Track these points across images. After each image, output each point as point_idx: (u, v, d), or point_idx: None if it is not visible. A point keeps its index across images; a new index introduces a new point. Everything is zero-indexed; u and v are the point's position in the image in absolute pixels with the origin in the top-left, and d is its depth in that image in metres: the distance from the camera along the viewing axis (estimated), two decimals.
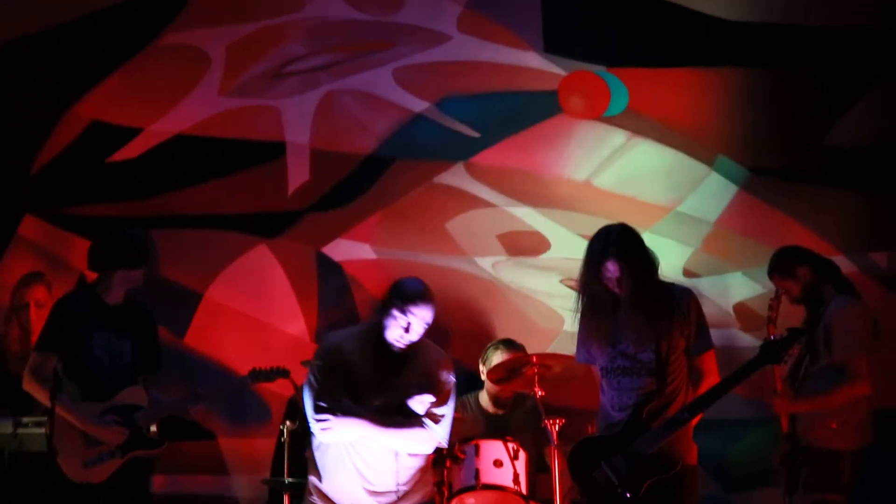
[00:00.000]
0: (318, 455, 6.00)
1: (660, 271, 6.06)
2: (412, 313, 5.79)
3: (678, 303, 5.90)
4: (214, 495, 8.09)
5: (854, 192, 7.60)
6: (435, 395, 5.81)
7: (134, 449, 6.06)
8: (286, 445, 7.37)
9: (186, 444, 7.86)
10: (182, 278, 8.15)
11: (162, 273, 7.97)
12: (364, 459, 5.85)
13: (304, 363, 7.38)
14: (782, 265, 6.51)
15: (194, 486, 8.03)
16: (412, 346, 5.88)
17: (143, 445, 6.08)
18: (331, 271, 8.26)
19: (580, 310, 6.09)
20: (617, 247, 5.87)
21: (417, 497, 5.93)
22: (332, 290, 8.24)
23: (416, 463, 5.95)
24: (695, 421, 5.92)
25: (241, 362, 6.35)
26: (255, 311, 8.19)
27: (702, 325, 5.93)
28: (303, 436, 7.22)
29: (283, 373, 6.34)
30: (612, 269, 5.84)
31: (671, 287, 6.05)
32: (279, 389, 7.90)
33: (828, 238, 7.48)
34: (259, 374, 6.32)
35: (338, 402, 5.75)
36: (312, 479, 6.06)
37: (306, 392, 5.97)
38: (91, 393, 6.11)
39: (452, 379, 5.94)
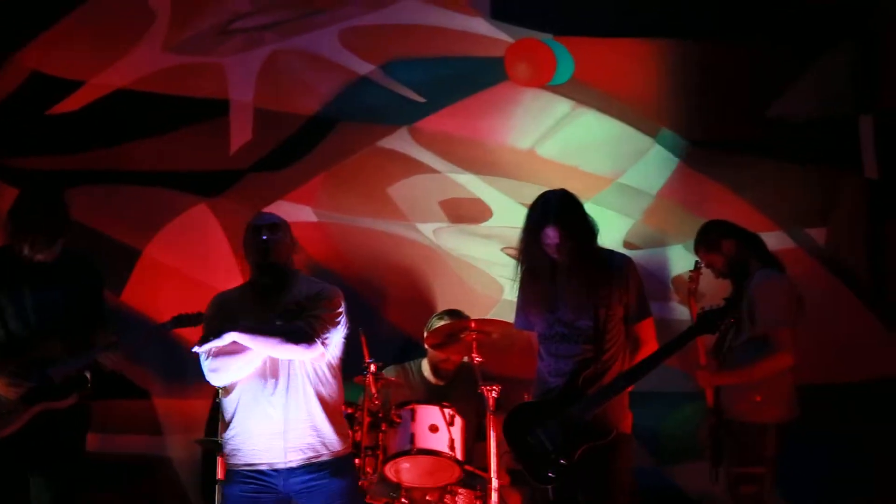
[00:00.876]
0: (227, 411, 5.84)
1: (600, 242, 6.07)
2: (257, 223, 5.78)
3: (618, 270, 5.92)
4: (148, 454, 8.05)
5: (794, 166, 7.66)
6: (314, 303, 5.66)
7: (38, 401, 5.97)
8: (220, 406, 7.34)
9: (120, 403, 7.83)
10: (120, 235, 8.07)
11: (100, 228, 7.97)
12: (271, 402, 5.67)
13: None
14: (707, 238, 6.56)
15: (128, 445, 7.98)
16: (291, 279, 5.75)
17: (49, 397, 5.97)
18: None
19: (520, 276, 6.09)
20: (557, 212, 5.87)
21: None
22: None
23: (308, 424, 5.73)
24: (629, 389, 5.95)
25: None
26: (193, 270, 8.13)
27: (641, 292, 5.96)
28: None
29: (202, 317, 6.24)
30: (551, 234, 5.84)
31: (611, 254, 6.07)
32: None
33: (767, 212, 7.55)
34: (182, 319, 6.23)
35: (213, 329, 5.60)
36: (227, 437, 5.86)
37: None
38: (10, 350, 6.02)
39: (336, 295, 5.75)
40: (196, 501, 7.93)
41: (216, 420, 7.30)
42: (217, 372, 5.66)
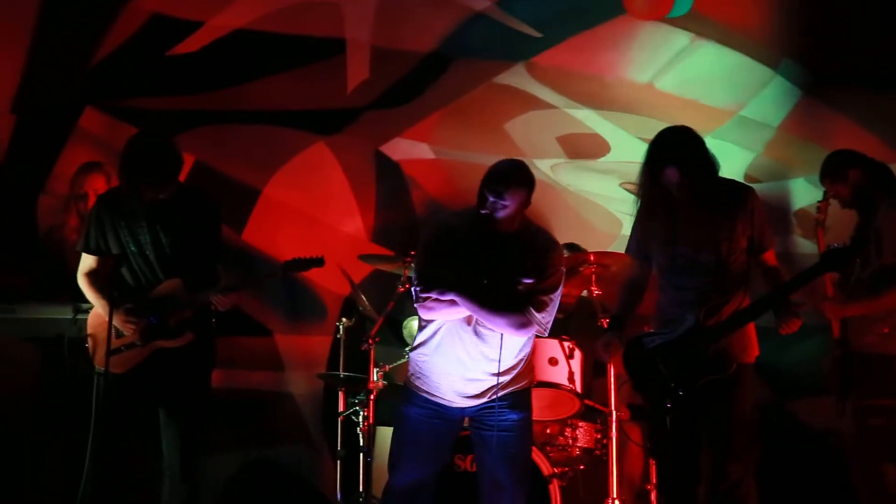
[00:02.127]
0: (424, 335, 5.78)
1: (721, 174, 5.98)
2: (496, 193, 5.56)
3: (741, 201, 5.81)
4: (270, 391, 8.15)
5: None
6: (542, 280, 5.61)
7: (153, 339, 6.07)
8: (342, 342, 7.43)
9: (243, 340, 7.94)
10: (240, 174, 8.14)
11: (220, 168, 8.06)
12: (466, 347, 5.67)
13: (361, 257, 7.43)
14: (833, 168, 6.43)
15: (250, 381, 8.08)
16: (524, 230, 5.66)
17: (163, 336, 6.08)
18: (389, 170, 8.24)
19: (638, 211, 6.03)
20: (677, 151, 5.79)
21: (514, 387, 5.72)
22: (389, 189, 8.23)
23: (519, 356, 5.71)
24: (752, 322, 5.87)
25: (293, 257, 6.32)
26: (312, 209, 8.19)
27: (764, 223, 5.85)
28: (359, 332, 7.29)
29: (316, 262, 6.26)
30: (671, 173, 5.77)
31: (733, 185, 5.96)
32: (335, 287, 7.96)
33: (890, 142, 7.38)
34: (292, 264, 6.28)
35: (440, 278, 5.55)
36: (415, 358, 5.83)
37: (414, 270, 5.87)
38: (133, 288, 6.13)
39: (562, 267, 5.72)
40: (318, 436, 8.05)
41: (338, 355, 7.41)
42: (428, 311, 5.62)
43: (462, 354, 5.64)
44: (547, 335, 5.74)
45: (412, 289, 5.62)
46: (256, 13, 8.15)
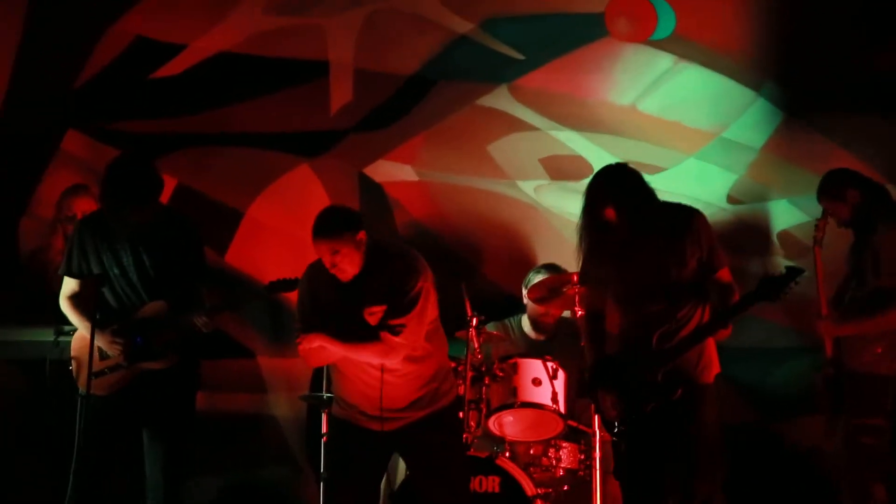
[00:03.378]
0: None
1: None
2: (318, 247, 5.71)
3: (687, 223, 5.79)
4: (253, 413, 8.13)
5: None
6: (392, 304, 5.67)
7: (138, 360, 6.07)
8: None
9: (225, 362, 7.91)
10: (223, 196, 8.12)
11: (204, 190, 8.04)
12: (351, 381, 5.83)
13: None
14: (832, 187, 6.46)
15: (233, 404, 8.05)
16: (374, 260, 5.74)
17: (148, 357, 6.08)
18: (372, 192, 8.23)
19: (585, 251, 5.99)
20: (614, 191, 5.75)
21: (418, 414, 5.83)
22: (373, 211, 8.21)
23: (425, 387, 5.85)
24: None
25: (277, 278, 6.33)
26: (296, 230, 8.15)
27: (713, 243, 5.81)
28: None
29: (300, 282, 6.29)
30: (610, 213, 5.73)
31: (677, 208, 5.91)
32: None
33: (876, 166, 7.35)
34: (277, 285, 6.29)
35: (306, 326, 5.73)
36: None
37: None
38: (117, 310, 6.13)
39: (417, 283, 5.72)
40: (301, 458, 8.02)
41: (321, 377, 7.38)
42: (306, 357, 5.81)
43: (360, 383, 5.79)
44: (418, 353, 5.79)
45: None
46: (240, 36, 8.15)
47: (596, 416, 6.60)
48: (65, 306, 6.18)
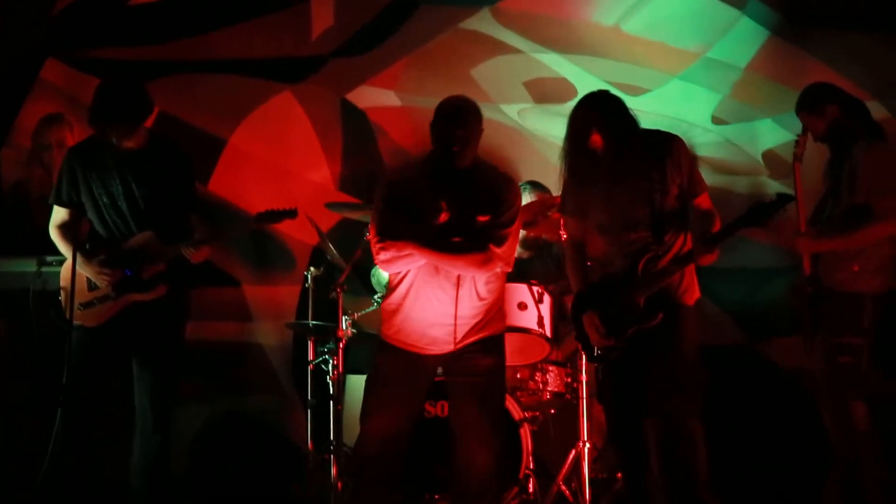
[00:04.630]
0: (393, 284, 5.85)
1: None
2: (456, 125, 5.64)
3: (667, 150, 5.78)
4: (239, 342, 8.14)
5: (889, 36, 7.44)
6: (498, 214, 5.64)
7: (127, 292, 6.05)
8: (311, 291, 7.40)
9: (211, 291, 7.90)
10: (205, 124, 8.06)
11: (185, 118, 7.98)
12: (435, 293, 5.70)
13: (328, 206, 7.39)
14: (811, 101, 6.41)
15: (219, 332, 8.05)
16: (477, 168, 5.72)
17: (136, 289, 6.07)
18: (355, 118, 8.19)
19: (569, 181, 5.98)
20: (597, 116, 5.74)
21: (486, 333, 5.76)
22: (356, 137, 8.19)
23: (488, 299, 5.76)
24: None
25: (265, 208, 6.27)
26: (278, 158, 8.15)
27: (693, 169, 5.82)
28: (327, 281, 7.26)
29: (289, 213, 6.22)
30: (595, 139, 5.73)
31: (657, 135, 5.89)
32: (303, 237, 7.93)
33: (859, 82, 7.33)
34: (265, 216, 6.24)
35: (396, 232, 5.62)
36: (386, 308, 5.88)
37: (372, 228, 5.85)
38: (106, 239, 6.11)
39: (518, 198, 5.77)
40: (288, 386, 8.04)
41: (307, 305, 7.39)
42: (388, 266, 5.72)
43: (432, 300, 5.67)
44: (512, 269, 5.76)
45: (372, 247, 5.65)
46: None
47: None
48: (54, 235, 6.17)
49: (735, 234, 5.64)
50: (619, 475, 6.61)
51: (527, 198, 7.15)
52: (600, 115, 5.74)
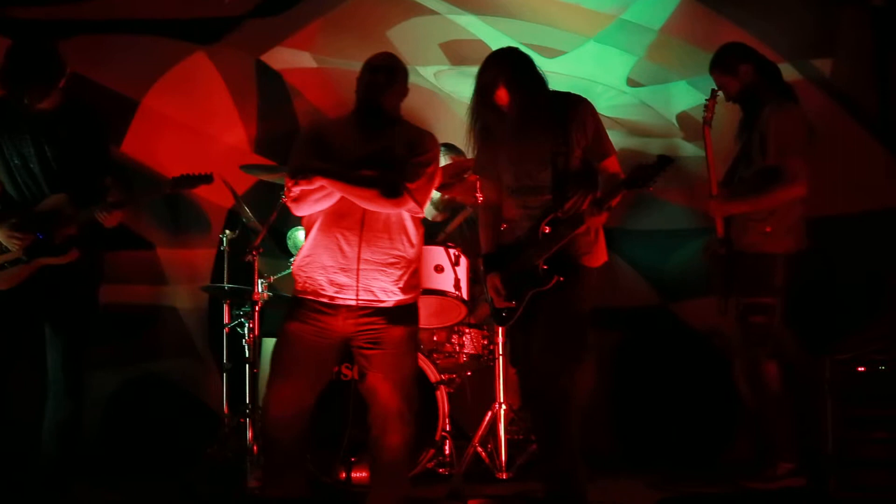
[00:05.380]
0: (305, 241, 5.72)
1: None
2: (383, 70, 5.61)
3: (572, 111, 5.76)
4: (154, 305, 8.07)
5: None
6: (418, 156, 5.54)
7: (38, 256, 5.98)
8: (226, 255, 7.35)
9: (124, 254, 7.82)
10: (118, 85, 7.93)
11: (97, 79, 7.87)
12: (346, 237, 5.55)
13: (243, 168, 7.33)
14: (725, 60, 6.48)
15: (133, 296, 7.97)
16: (398, 123, 5.65)
17: (49, 252, 6.00)
18: (270, 80, 8.13)
19: (476, 136, 5.97)
20: (505, 73, 5.70)
21: (399, 298, 5.63)
22: (271, 99, 8.13)
23: (400, 251, 5.60)
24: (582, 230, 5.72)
25: (179, 171, 6.20)
26: (192, 120, 8.06)
27: (600, 130, 5.79)
28: (243, 244, 7.21)
29: (205, 178, 6.16)
30: (501, 95, 5.72)
31: (565, 96, 5.86)
32: (218, 199, 7.87)
33: (772, 44, 7.37)
34: (181, 181, 6.17)
35: (308, 167, 5.47)
36: (298, 263, 5.71)
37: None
38: (19, 202, 6.02)
39: (437, 150, 5.68)
40: (203, 350, 8.00)
41: (222, 268, 7.34)
42: (300, 205, 5.54)
43: (338, 246, 5.56)
44: (423, 214, 5.66)
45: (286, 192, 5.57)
46: None
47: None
48: None
49: (616, 196, 5.59)
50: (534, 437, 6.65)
51: (443, 160, 7.11)
52: (507, 71, 5.71)
